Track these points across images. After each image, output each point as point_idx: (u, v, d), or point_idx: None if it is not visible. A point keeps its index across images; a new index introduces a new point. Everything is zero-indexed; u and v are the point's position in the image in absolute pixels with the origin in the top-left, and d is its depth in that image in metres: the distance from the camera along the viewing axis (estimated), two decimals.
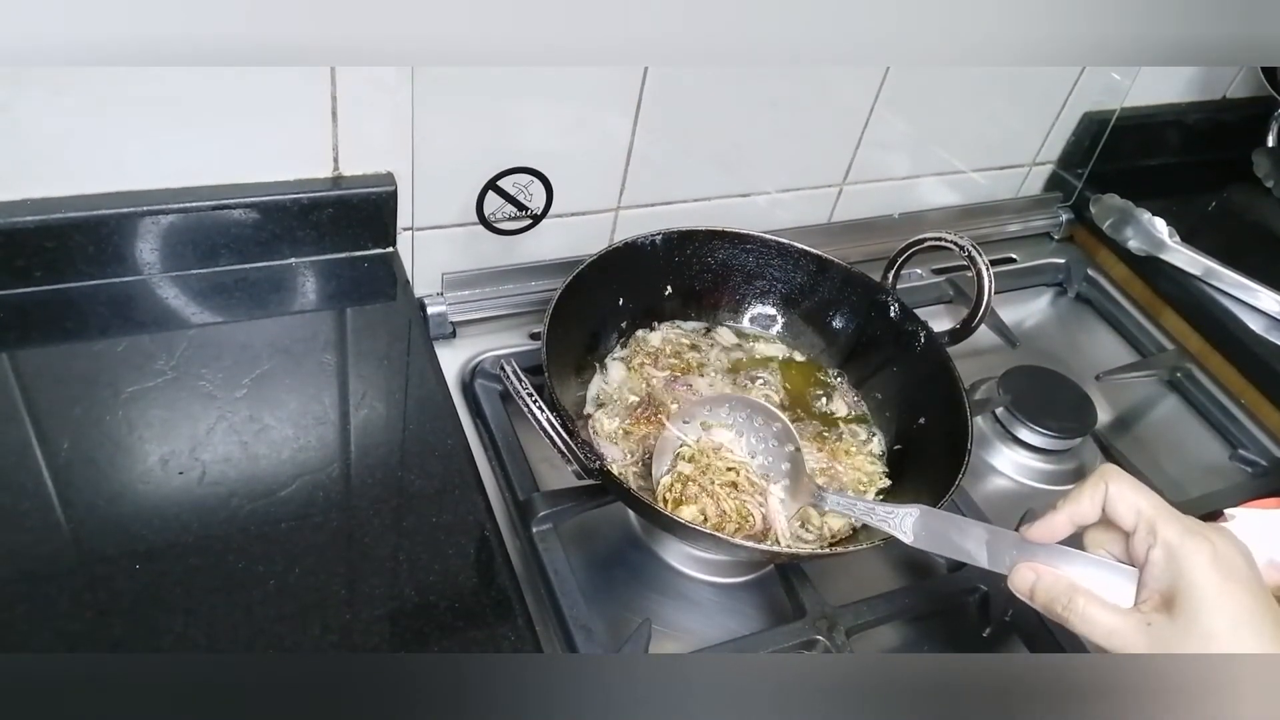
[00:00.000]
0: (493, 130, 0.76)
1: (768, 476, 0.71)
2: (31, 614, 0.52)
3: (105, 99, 0.64)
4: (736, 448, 0.72)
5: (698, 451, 0.71)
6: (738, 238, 0.83)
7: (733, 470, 0.70)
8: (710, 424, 0.72)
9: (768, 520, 0.69)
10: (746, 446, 0.72)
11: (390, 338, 0.73)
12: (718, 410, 0.72)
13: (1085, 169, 1.11)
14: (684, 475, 0.70)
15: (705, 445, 0.71)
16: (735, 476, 0.70)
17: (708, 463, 0.70)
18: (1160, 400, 0.99)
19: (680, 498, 0.69)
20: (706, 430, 0.72)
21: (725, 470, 0.70)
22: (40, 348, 0.67)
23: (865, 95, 0.90)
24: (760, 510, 0.69)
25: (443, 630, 0.56)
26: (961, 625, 0.73)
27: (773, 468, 0.71)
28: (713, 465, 0.70)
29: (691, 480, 0.69)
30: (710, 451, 0.71)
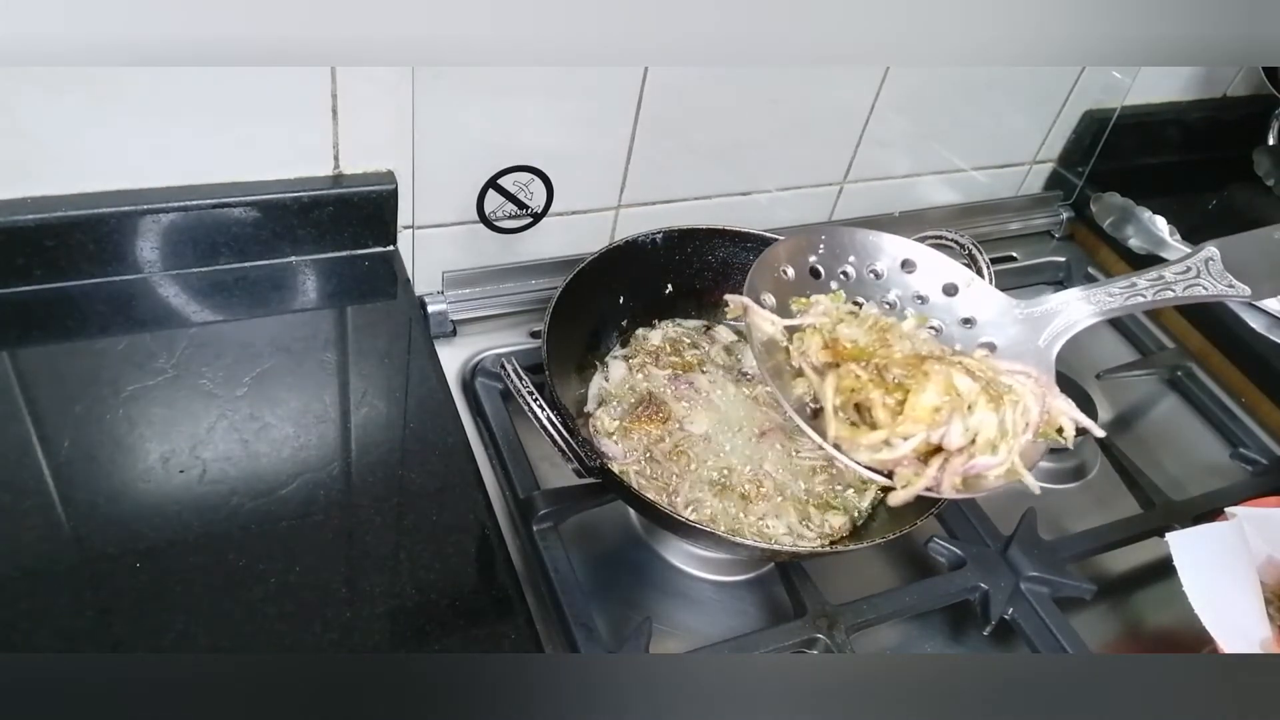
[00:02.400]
0: (493, 128, 0.76)
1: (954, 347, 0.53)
2: (32, 612, 0.52)
3: (105, 98, 0.64)
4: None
5: (838, 334, 0.50)
6: (738, 236, 0.83)
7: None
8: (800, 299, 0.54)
9: (1049, 411, 0.51)
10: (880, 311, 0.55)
11: (391, 336, 0.73)
12: (799, 268, 0.53)
13: (1086, 167, 1.11)
14: (853, 379, 0.50)
15: (835, 318, 0.51)
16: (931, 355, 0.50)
17: (873, 349, 0.50)
18: (1161, 399, 0.99)
19: (870, 417, 0.50)
20: (803, 310, 0.55)
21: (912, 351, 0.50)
22: (41, 346, 0.67)
23: (866, 94, 0.90)
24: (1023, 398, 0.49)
25: (443, 628, 0.56)
26: (961, 624, 0.73)
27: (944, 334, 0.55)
28: (888, 345, 0.50)
29: (867, 383, 0.50)
30: (867, 325, 0.51)
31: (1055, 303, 0.58)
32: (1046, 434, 0.54)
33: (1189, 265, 0.54)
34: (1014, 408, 0.51)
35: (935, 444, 0.51)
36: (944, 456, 0.51)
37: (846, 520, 0.71)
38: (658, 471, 0.72)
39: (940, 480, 0.50)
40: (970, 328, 0.59)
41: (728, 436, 0.74)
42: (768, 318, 0.56)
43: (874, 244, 0.59)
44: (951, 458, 0.51)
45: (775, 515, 0.70)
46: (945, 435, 0.50)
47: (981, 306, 0.59)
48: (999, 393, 0.51)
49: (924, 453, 0.51)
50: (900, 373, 0.50)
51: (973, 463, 0.50)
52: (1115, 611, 0.77)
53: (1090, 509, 0.82)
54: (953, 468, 0.50)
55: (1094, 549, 0.78)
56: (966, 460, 0.50)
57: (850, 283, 0.59)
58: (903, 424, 0.50)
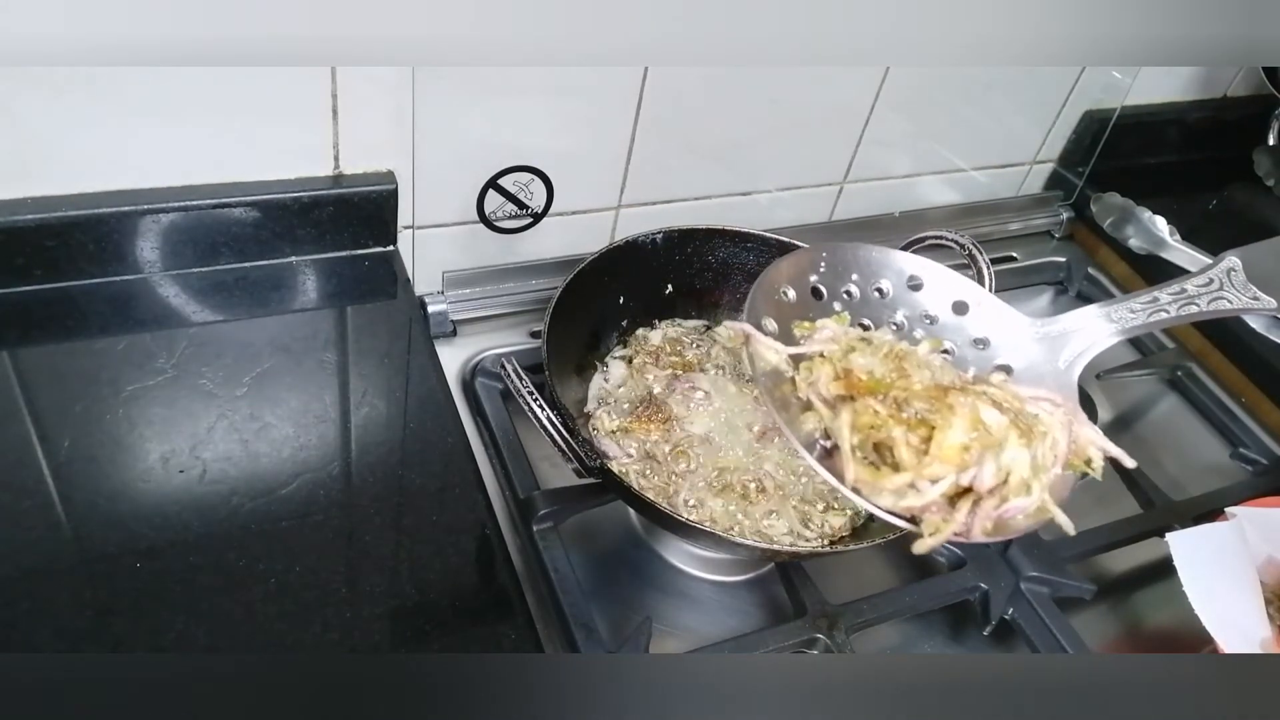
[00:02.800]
0: (493, 128, 0.76)
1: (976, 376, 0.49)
2: (32, 612, 0.52)
3: (105, 98, 0.64)
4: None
5: (850, 363, 0.46)
6: (738, 236, 0.83)
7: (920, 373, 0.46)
8: (804, 323, 0.50)
9: (1075, 441, 0.48)
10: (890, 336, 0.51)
11: (391, 336, 0.73)
12: (800, 289, 0.49)
13: (1086, 167, 1.11)
14: (871, 414, 0.46)
15: (844, 346, 0.47)
16: (948, 385, 0.46)
17: (892, 379, 0.46)
18: (1161, 399, 0.99)
19: (891, 458, 0.46)
20: (807, 335, 0.50)
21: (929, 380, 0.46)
22: (41, 346, 0.67)
23: (866, 94, 0.90)
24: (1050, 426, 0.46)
25: (443, 628, 0.56)
26: (961, 624, 0.73)
27: (961, 359, 0.51)
28: (906, 376, 0.46)
29: (887, 419, 0.45)
30: (882, 353, 0.47)
31: (1073, 321, 0.55)
32: (1074, 465, 0.50)
33: (1211, 277, 0.51)
34: (1043, 440, 0.48)
35: (964, 486, 0.47)
36: (973, 499, 0.47)
37: (846, 520, 0.71)
38: (658, 471, 0.72)
39: (970, 526, 0.47)
40: (984, 349, 0.55)
41: (728, 436, 0.75)
42: (771, 346, 0.51)
43: (878, 260, 0.56)
44: (983, 500, 0.47)
45: (775, 515, 0.70)
46: (976, 477, 0.46)
47: (995, 326, 0.55)
48: (1029, 425, 0.47)
49: (951, 495, 0.47)
50: (923, 406, 0.46)
51: (1007, 506, 0.46)
52: (1115, 611, 0.77)
53: (1090, 509, 0.82)
54: (984, 511, 0.46)
55: (1094, 549, 0.78)
56: (999, 504, 0.46)
57: (854, 302, 0.56)
58: (930, 465, 0.46)
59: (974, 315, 0.56)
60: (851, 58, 0.63)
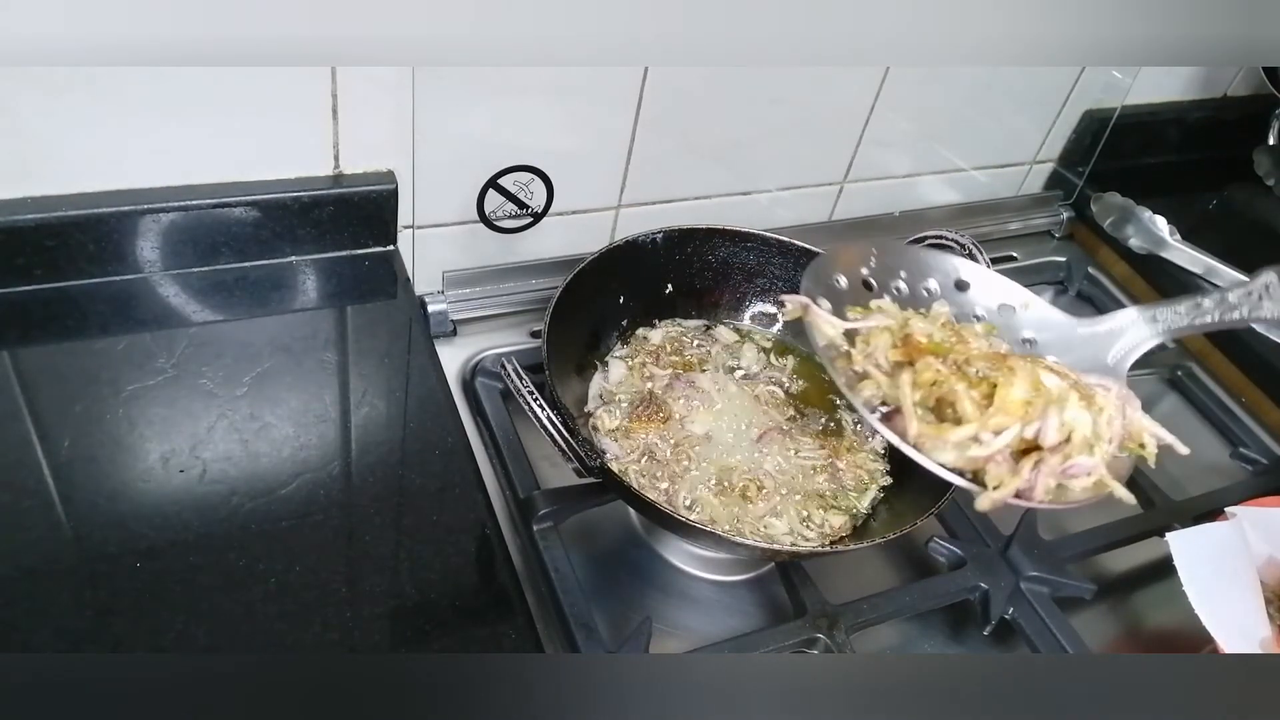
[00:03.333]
0: (493, 128, 0.76)
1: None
2: (32, 612, 0.52)
3: (105, 98, 0.64)
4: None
5: (912, 332, 0.47)
6: (738, 236, 0.83)
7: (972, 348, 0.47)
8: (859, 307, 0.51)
9: (1129, 423, 0.49)
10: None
11: (391, 336, 0.73)
12: (852, 279, 0.51)
13: (1086, 167, 1.11)
14: (933, 372, 0.47)
15: (902, 319, 0.48)
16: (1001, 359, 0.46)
17: (949, 346, 0.47)
18: (1161, 398, 0.99)
19: (954, 412, 0.47)
20: (862, 316, 0.52)
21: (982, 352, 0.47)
22: (41, 346, 0.67)
23: (866, 93, 0.90)
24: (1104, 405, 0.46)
25: (443, 628, 0.56)
26: (961, 624, 0.73)
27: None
28: (964, 345, 0.47)
29: (949, 375, 0.47)
30: (939, 323, 0.48)
31: (1117, 323, 0.56)
32: (1129, 448, 0.51)
33: (1250, 290, 0.53)
34: (1101, 414, 0.48)
35: (1028, 441, 0.47)
36: (1038, 456, 0.47)
37: (846, 520, 0.71)
38: (658, 471, 0.72)
39: (1034, 482, 0.47)
40: (1032, 348, 0.57)
41: (728, 436, 0.75)
42: (828, 320, 0.53)
43: (925, 261, 0.57)
44: (1047, 456, 0.47)
45: (775, 515, 0.70)
46: (1041, 430, 0.46)
47: (1042, 326, 0.57)
48: (1088, 392, 0.48)
49: (1016, 451, 0.48)
50: (984, 366, 0.47)
51: (1071, 463, 0.46)
52: (1115, 611, 0.77)
53: (1090, 508, 0.82)
54: (1049, 468, 0.47)
55: (1094, 549, 0.78)
56: (1064, 460, 0.47)
57: (903, 298, 0.57)
58: (994, 417, 0.46)
59: (1021, 316, 0.57)
60: (851, 58, 0.63)
